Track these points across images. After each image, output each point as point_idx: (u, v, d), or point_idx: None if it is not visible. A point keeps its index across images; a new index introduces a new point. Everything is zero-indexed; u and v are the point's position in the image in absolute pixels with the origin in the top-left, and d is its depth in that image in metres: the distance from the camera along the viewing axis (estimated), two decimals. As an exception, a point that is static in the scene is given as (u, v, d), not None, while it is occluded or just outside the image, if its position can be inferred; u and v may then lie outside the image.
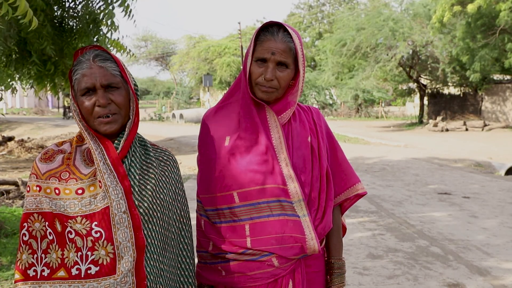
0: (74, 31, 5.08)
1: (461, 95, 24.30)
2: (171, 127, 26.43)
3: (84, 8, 4.98)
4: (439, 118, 23.04)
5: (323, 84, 28.66)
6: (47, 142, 17.73)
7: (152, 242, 1.53)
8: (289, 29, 1.67)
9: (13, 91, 5.56)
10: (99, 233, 1.44)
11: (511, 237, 5.70)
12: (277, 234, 1.69)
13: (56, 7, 4.96)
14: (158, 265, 1.55)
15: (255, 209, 1.69)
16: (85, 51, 1.55)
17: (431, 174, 10.34)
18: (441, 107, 24.71)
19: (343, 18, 27.17)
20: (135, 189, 1.53)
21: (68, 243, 1.45)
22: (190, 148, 15.75)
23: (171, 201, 1.63)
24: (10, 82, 5.44)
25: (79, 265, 1.44)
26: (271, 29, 1.68)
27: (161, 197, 1.58)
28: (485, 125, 21.50)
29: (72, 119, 26.32)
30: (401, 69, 24.60)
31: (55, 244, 1.47)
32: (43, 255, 1.47)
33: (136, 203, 1.51)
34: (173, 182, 1.66)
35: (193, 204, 2.00)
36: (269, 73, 1.66)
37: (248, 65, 1.70)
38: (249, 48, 1.70)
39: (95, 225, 1.44)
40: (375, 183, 9.32)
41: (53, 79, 5.48)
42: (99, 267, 1.44)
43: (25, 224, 1.49)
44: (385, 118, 31.68)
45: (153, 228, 1.54)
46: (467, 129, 21.56)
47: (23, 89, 6.34)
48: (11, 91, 5.54)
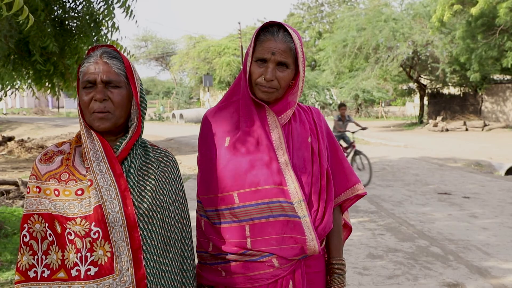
0: (74, 31, 5.09)
1: (461, 95, 24.30)
2: (171, 127, 26.45)
3: (85, 8, 4.99)
4: (439, 118, 23.05)
5: (323, 84, 28.66)
6: (47, 142, 17.75)
7: (152, 243, 1.52)
8: (289, 29, 1.67)
9: (17, 91, 5.56)
10: (97, 234, 1.44)
11: (511, 237, 5.70)
12: (277, 235, 1.68)
13: (56, 7, 4.96)
14: (158, 266, 1.54)
15: (255, 210, 1.68)
16: (97, 49, 1.56)
17: (431, 174, 10.34)
18: (441, 107, 24.71)
19: (343, 18, 27.16)
20: (135, 190, 1.52)
21: (68, 244, 1.45)
22: (190, 148, 15.76)
23: (171, 201, 1.62)
24: (14, 83, 5.45)
25: (78, 266, 1.44)
26: (271, 29, 1.67)
27: (161, 198, 1.57)
28: (485, 125, 21.51)
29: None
30: (401, 69, 24.60)
31: (55, 245, 1.46)
32: (44, 256, 1.47)
33: (135, 204, 1.50)
34: (173, 182, 1.66)
35: (193, 204, 2.00)
36: (269, 73, 1.65)
37: (248, 65, 1.69)
38: (249, 48, 1.69)
39: (94, 226, 1.44)
40: (375, 183, 9.32)
41: (52, 80, 5.48)
42: (98, 268, 1.44)
43: (26, 225, 1.48)
44: (385, 118, 31.70)
45: (153, 229, 1.53)
46: (467, 129, 21.58)
47: (22, 89, 6.34)
48: (12, 92, 5.54)
